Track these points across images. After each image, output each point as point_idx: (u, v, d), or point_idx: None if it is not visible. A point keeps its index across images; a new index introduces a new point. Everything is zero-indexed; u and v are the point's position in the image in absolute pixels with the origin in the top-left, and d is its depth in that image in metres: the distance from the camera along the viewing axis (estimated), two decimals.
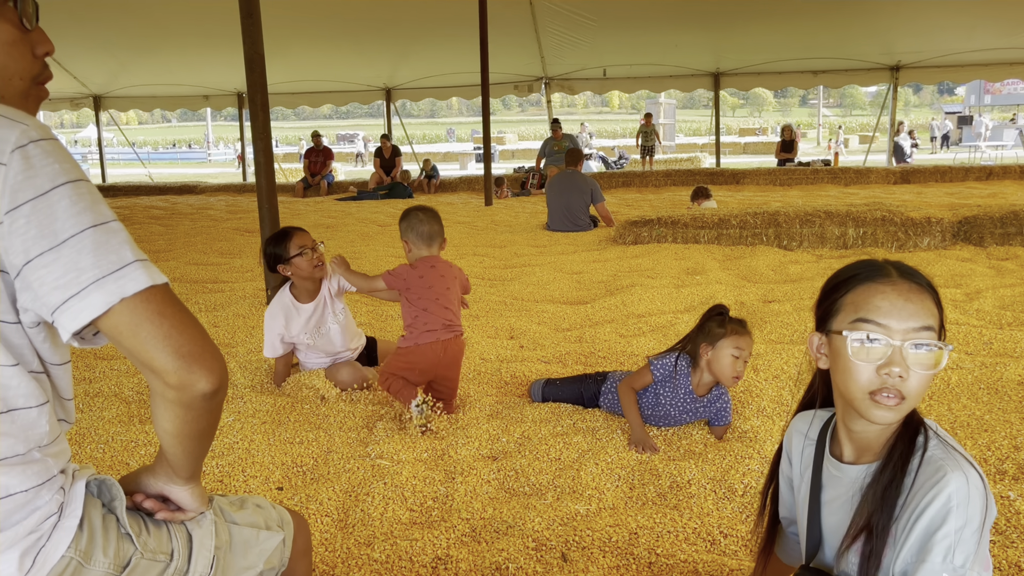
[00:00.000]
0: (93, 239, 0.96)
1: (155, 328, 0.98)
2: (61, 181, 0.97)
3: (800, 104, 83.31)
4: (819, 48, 14.46)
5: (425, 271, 2.98)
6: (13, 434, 1.00)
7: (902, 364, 1.19)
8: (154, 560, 1.13)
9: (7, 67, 1.08)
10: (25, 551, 0.99)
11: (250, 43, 4.59)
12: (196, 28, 13.08)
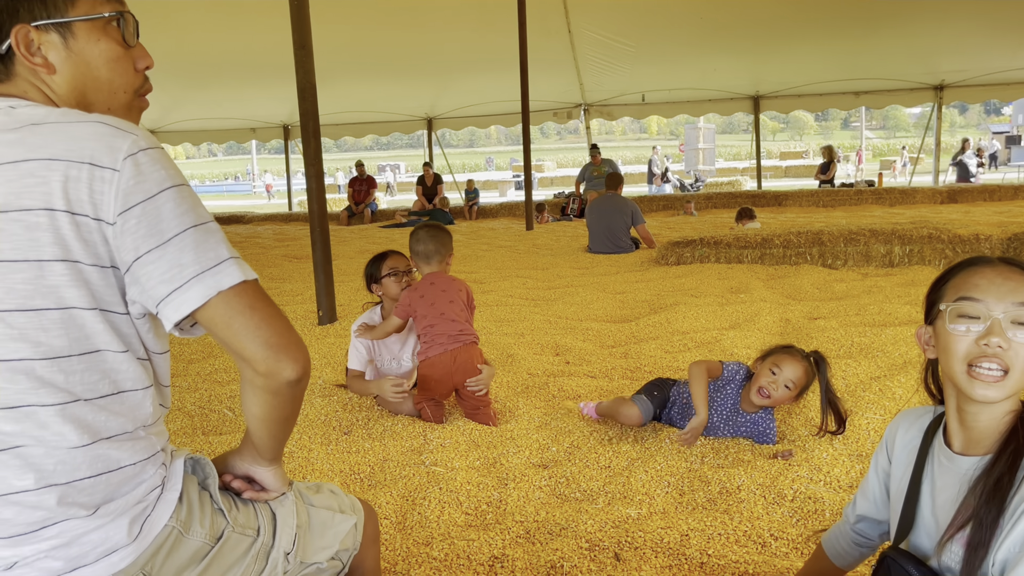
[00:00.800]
0: (194, 238, 1.06)
1: (246, 320, 1.07)
2: (167, 185, 1.07)
3: (842, 127, 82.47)
4: (860, 68, 14.39)
5: (425, 290, 3.11)
6: (123, 413, 1.10)
7: (1001, 334, 1.20)
8: (243, 535, 1.22)
9: (112, 81, 1.19)
10: (133, 519, 1.09)
11: (303, 73, 4.78)
12: (245, 63, 13.52)
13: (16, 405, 1.02)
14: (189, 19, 12.13)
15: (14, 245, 1.02)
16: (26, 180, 1.02)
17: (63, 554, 1.04)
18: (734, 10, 12.34)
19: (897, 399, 3.14)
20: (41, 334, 1.03)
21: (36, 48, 1.13)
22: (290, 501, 1.32)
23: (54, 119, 1.08)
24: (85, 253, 1.04)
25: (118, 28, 1.19)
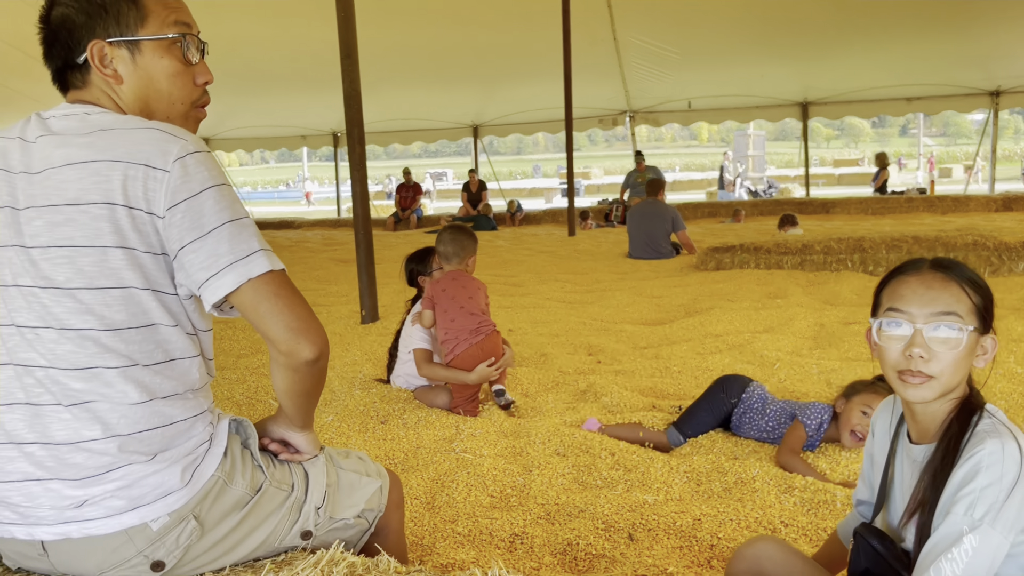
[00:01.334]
0: (230, 231, 1.22)
1: (271, 305, 1.24)
2: (208, 185, 1.22)
3: (900, 134, 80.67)
4: (913, 74, 14.17)
5: (447, 284, 3.30)
6: (174, 378, 1.28)
7: (922, 345, 1.30)
8: (279, 488, 1.38)
9: (171, 94, 1.37)
10: (185, 467, 1.26)
11: (348, 81, 4.99)
12: (296, 72, 13.93)
13: (86, 367, 1.20)
14: (242, 30, 12.56)
15: (83, 233, 1.20)
16: (93, 178, 1.20)
17: (125, 494, 1.21)
18: (781, 16, 12.30)
19: None
20: (105, 309, 1.21)
21: (108, 61, 1.31)
22: (321, 463, 1.47)
23: (119, 125, 1.25)
24: (140, 241, 1.21)
25: (180, 48, 1.36)
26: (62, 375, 1.20)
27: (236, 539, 1.32)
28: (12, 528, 1.24)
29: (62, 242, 1.20)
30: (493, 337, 3.24)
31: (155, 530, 1.23)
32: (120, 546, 1.22)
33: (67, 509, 1.21)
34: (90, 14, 1.29)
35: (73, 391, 1.20)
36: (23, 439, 1.21)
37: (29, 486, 1.21)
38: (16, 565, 1.31)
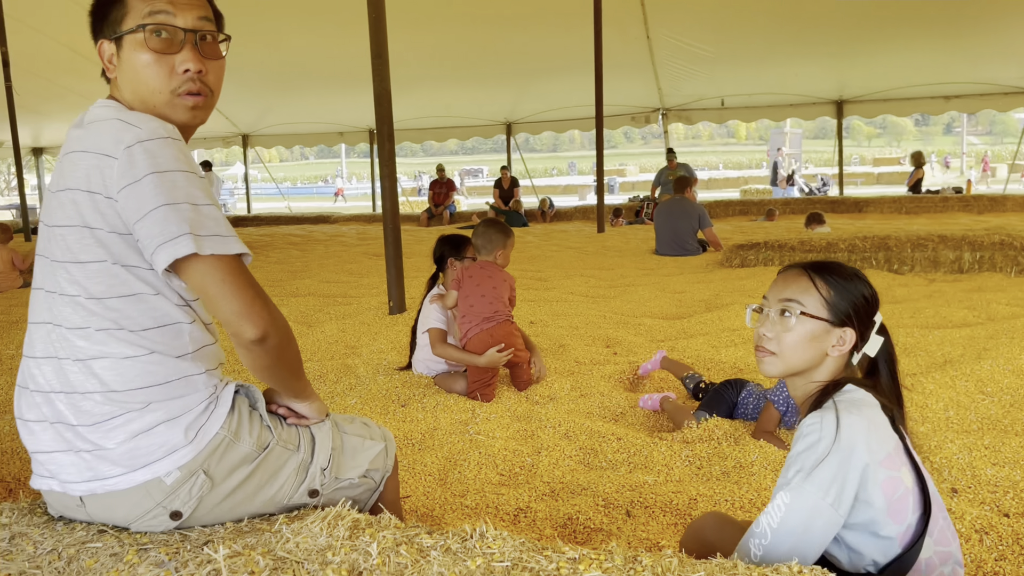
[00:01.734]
0: (163, 214, 1.30)
1: (218, 290, 1.34)
2: (150, 171, 1.31)
3: (944, 132, 79.01)
4: (951, 71, 13.99)
5: (475, 271, 3.51)
6: (164, 341, 1.42)
7: (765, 324, 1.53)
8: (285, 448, 1.54)
9: (148, 83, 1.44)
10: (188, 425, 1.42)
11: (379, 80, 5.16)
12: (333, 69, 14.18)
13: (81, 327, 1.39)
14: (280, 29, 12.84)
15: (67, 215, 1.38)
16: (73, 167, 1.37)
17: (135, 453, 1.38)
18: (816, 13, 12.23)
19: (927, 394, 3.26)
20: (86, 280, 1.38)
21: (110, 58, 1.47)
22: (327, 427, 1.63)
23: (100, 118, 1.40)
24: (103, 223, 1.35)
25: (154, 37, 1.42)
26: (68, 333, 1.39)
27: (246, 493, 1.48)
28: (50, 482, 1.43)
29: (59, 222, 1.39)
30: (504, 325, 3.40)
31: (168, 484, 1.39)
32: (140, 499, 1.39)
33: (88, 465, 1.38)
34: (96, 17, 1.47)
35: (78, 347, 1.39)
36: (52, 388, 1.41)
37: (57, 428, 1.40)
38: (58, 513, 1.49)
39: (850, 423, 1.36)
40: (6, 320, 5.78)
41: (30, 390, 1.44)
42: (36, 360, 1.44)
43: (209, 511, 1.45)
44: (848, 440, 1.34)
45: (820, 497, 1.32)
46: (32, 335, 1.46)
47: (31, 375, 1.44)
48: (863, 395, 1.45)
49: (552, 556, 1.28)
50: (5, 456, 2.87)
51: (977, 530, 2.04)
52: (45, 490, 1.46)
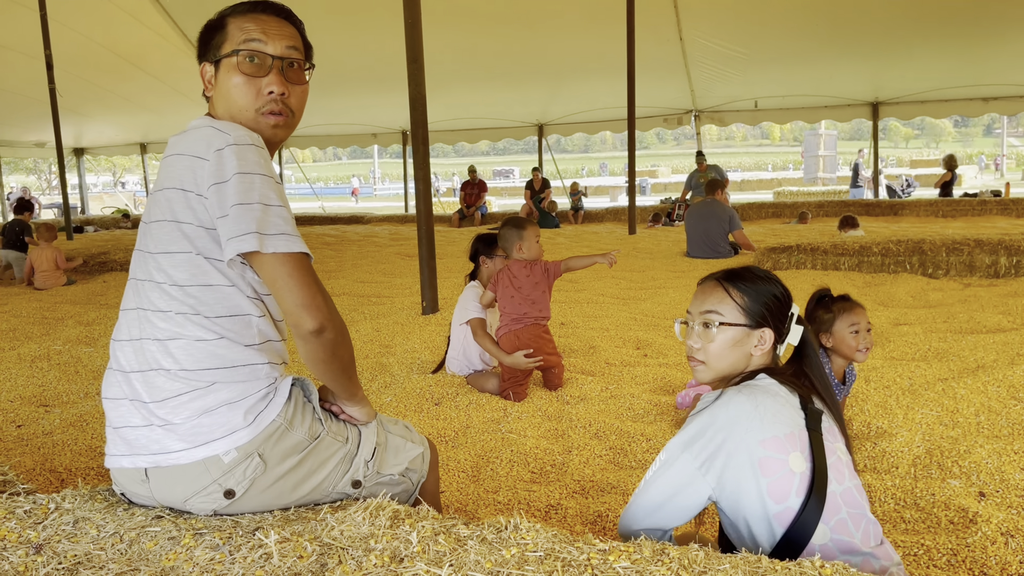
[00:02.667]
0: (238, 212, 1.44)
1: (283, 283, 1.46)
2: (235, 172, 1.45)
3: (984, 133, 77.60)
4: (989, 73, 13.79)
5: (503, 273, 3.60)
6: (235, 330, 1.54)
7: (692, 337, 1.67)
8: (335, 439, 1.63)
9: (236, 101, 1.61)
10: (248, 409, 1.52)
11: (414, 85, 5.25)
12: (367, 72, 14.37)
13: (164, 309, 1.52)
14: (315, 30, 12.99)
15: (161, 211, 1.54)
16: (170, 169, 1.54)
17: (197, 428, 1.49)
18: (851, 14, 12.14)
19: (958, 399, 3.26)
20: (172, 269, 1.53)
21: (209, 78, 1.64)
22: (373, 424, 1.72)
23: (196, 126, 1.56)
24: (193, 217, 1.50)
25: (248, 62, 1.60)
26: (152, 315, 1.53)
27: (296, 479, 1.57)
28: (121, 459, 1.55)
29: (154, 218, 1.55)
30: (531, 329, 3.49)
31: (226, 462, 1.50)
32: (199, 475, 1.50)
33: (154, 439, 1.50)
34: (201, 43, 1.65)
35: (159, 328, 1.52)
36: (130, 367, 1.55)
37: (126, 405, 1.54)
38: (122, 490, 1.60)
39: (731, 400, 1.51)
40: (52, 317, 5.97)
41: (113, 370, 1.59)
42: (121, 343, 1.59)
43: (260, 493, 1.54)
44: (724, 416, 1.50)
45: (690, 461, 1.50)
46: (121, 321, 1.61)
47: (115, 357, 1.59)
48: (769, 383, 1.57)
49: (583, 548, 1.34)
50: (57, 448, 3.00)
51: (1003, 533, 2.06)
52: (115, 468, 1.57)
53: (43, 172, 39.68)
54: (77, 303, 6.63)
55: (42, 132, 17.16)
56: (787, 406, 1.52)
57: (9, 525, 1.45)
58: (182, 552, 1.34)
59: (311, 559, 1.31)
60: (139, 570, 1.29)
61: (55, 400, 3.74)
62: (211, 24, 1.65)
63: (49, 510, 1.54)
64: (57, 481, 2.73)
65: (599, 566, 1.27)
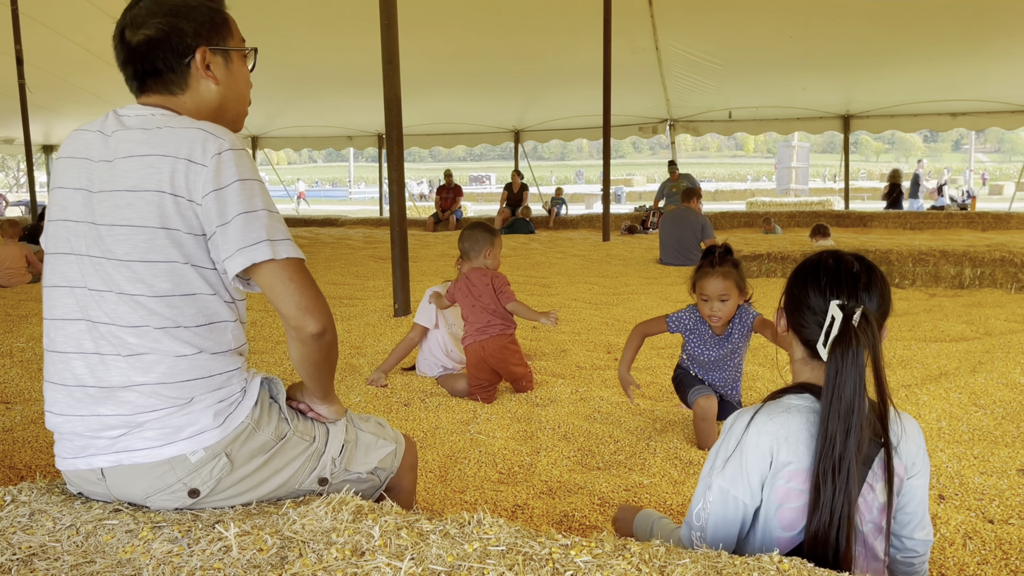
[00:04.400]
0: (244, 220, 1.42)
1: (284, 287, 1.45)
2: (235, 179, 1.43)
3: (953, 148, 79.01)
4: (958, 89, 14.06)
5: (462, 282, 3.58)
6: (213, 338, 1.51)
7: None
8: (301, 439, 1.61)
9: (245, 96, 1.67)
10: (218, 412, 1.49)
11: (389, 86, 5.24)
12: (342, 74, 14.31)
13: (138, 325, 1.45)
14: (291, 32, 12.95)
15: (139, 215, 1.44)
16: (148, 169, 1.43)
17: (167, 431, 1.46)
18: (825, 28, 12.32)
19: (920, 404, 3.32)
20: (153, 279, 1.45)
21: (206, 64, 1.57)
22: (343, 421, 1.70)
23: (173, 124, 1.47)
24: (182, 224, 1.43)
25: (252, 60, 1.67)
26: (120, 331, 1.45)
27: (261, 478, 1.55)
28: (76, 461, 1.50)
29: (122, 221, 1.44)
30: (496, 340, 3.50)
31: (193, 462, 1.47)
32: (164, 473, 1.46)
33: (119, 439, 1.46)
34: (202, 26, 1.55)
35: (129, 344, 1.45)
36: (87, 382, 1.47)
37: (90, 420, 1.47)
38: (78, 490, 1.56)
39: (759, 426, 1.42)
40: (16, 314, 5.86)
41: (58, 384, 1.51)
42: (64, 355, 1.50)
43: (224, 491, 1.52)
44: (752, 441, 1.42)
45: (728, 487, 1.44)
46: (58, 331, 1.51)
47: (57, 370, 1.51)
48: (800, 402, 1.45)
49: (545, 542, 1.34)
50: (17, 444, 2.95)
51: (962, 535, 2.09)
52: (70, 470, 1.52)
53: (11, 169, 39.00)
54: (41, 300, 6.52)
55: (11, 128, 16.87)
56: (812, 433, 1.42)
57: None
58: (139, 545, 1.32)
59: (271, 552, 1.30)
60: (95, 562, 1.27)
61: (16, 397, 3.67)
62: (216, 9, 1.59)
63: (5, 502, 1.51)
64: (16, 478, 2.68)
65: (560, 560, 1.27)
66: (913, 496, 1.51)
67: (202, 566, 1.25)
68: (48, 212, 1.58)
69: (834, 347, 1.39)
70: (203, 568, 1.25)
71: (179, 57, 1.54)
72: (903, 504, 1.50)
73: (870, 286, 1.44)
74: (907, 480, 1.50)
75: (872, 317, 1.39)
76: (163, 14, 1.52)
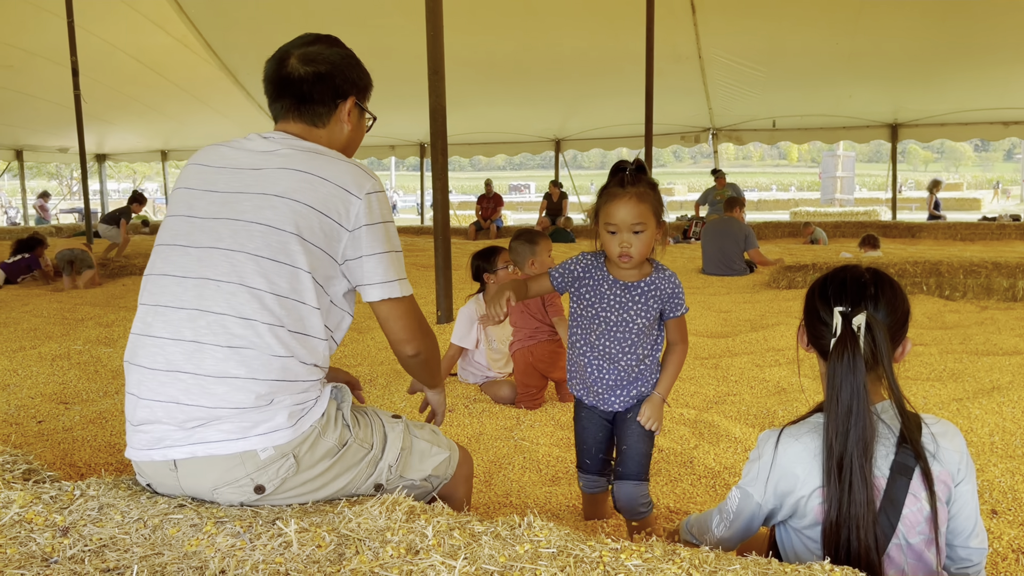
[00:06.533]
0: (388, 259, 1.68)
1: (395, 320, 1.72)
2: (383, 220, 1.68)
3: (1004, 159, 77.02)
4: (1011, 97, 13.75)
5: None
6: (307, 347, 1.62)
7: None
8: (361, 446, 1.68)
9: (356, 149, 1.89)
10: (291, 414, 1.57)
11: (435, 96, 5.31)
12: (385, 84, 14.42)
13: (249, 317, 1.55)
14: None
15: (279, 218, 1.59)
16: (302, 184, 1.61)
17: (244, 423, 1.53)
18: (871, 36, 12.15)
19: (972, 419, 3.26)
20: (276, 277, 1.58)
21: (348, 111, 1.81)
22: (399, 429, 1.77)
23: (328, 154, 1.70)
24: (321, 239, 1.60)
25: (371, 123, 1.96)
26: (231, 321, 1.55)
27: (322, 482, 1.62)
28: (151, 453, 1.57)
29: (263, 220, 1.59)
30: (545, 345, 3.52)
31: (262, 459, 1.54)
32: (234, 467, 1.53)
33: (195, 430, 1.53)
34: (358, 80, 1.83)
35: (235, 335, 1.55)
36: (182, 368, 1.55)
37: (171, 407, 1.55)
38: (147, 481, 1.63)
39: (785, 447, 1.52)
40: (72, 318, 6.05)
41: (147, 368, 1.58)
42: (159, 340, 1.58)
43: (287, 492, 1.58)
44: (779, 460, 1.53)
45: (758, 498, 1.56)
46: (157, 316, 1.60)
47: (149, 353, 1.59)
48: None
49: (596, 546, 1.36)
50: (77, 443, 3.05)
51: (1014, 550, 2.06)
52: (143, 461, 1.59)
53: (64, 177, 40.19)
54: (97, 305, 6.72)
55: (66, 138, 17.41)
56: None
57: (36, 509, 1.49)
58: (204, 538, 1.38)
59: (329, 548, 1.34)
60: (163, 554, 1.32)
61: (75, 398, 3.80)
62: (369, 75, 1.88)
63: (74, 496, 1.58)
64: (77, 475, 2.78)
65: (611, 563, 1.29)
66: (965, 503, 1.50)
67: (264, 560, 1.30)
68: (171, 209, 1.73)
69: (832, 351, 1.45)
70: (265, 562, 1.29)
71: (334, 97, 1.78)
72: (955, 512, 1.50)
73: (878, 296, 1.47)
74: (955, 487, 1.49)
75: (877, 324, 1.43)
76: (335, 60, 1.78)
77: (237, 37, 13.72)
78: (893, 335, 1.47)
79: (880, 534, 1.44)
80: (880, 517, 1.44)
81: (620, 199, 2.01)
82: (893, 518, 1.44)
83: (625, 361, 2.12)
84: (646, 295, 2.10)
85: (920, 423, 1.49)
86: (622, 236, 2.02)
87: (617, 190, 2.03)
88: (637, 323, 2.11)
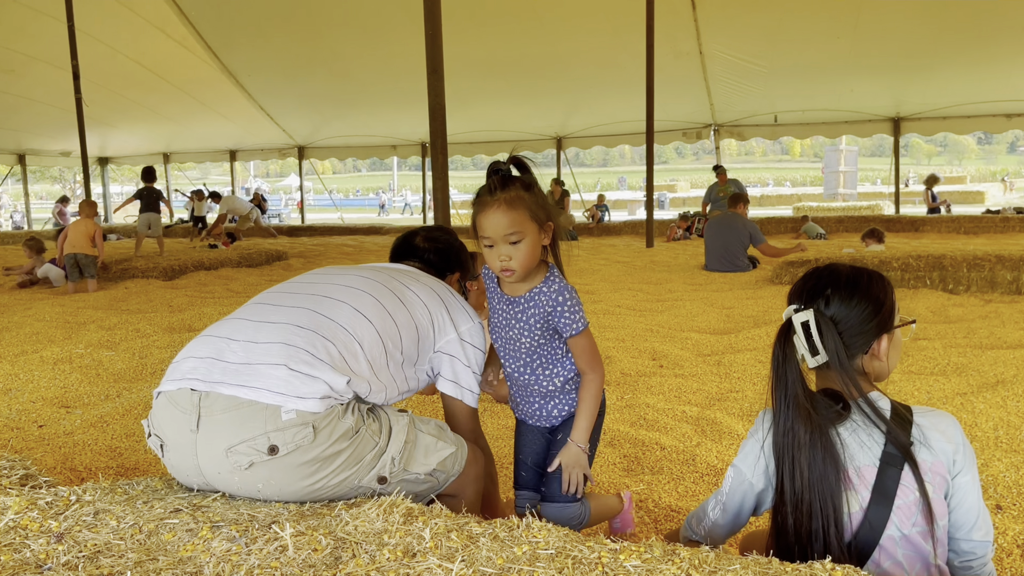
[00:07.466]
0: (463, 367, 1.97)
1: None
2: (465, 338, 1.98)
3: (1008, 151, 76.84)
4: (1013, 89, 13.71)
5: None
6: (387, 385, 1.82)
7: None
8: (371, 437, 1.69)
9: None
10: (324, 398, 1.63)
11: (434, 95, 5.31)
12: (387, 84, 14.50)
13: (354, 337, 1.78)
14: (338, 45, 13.16)
15: (399, 307, 1.90)
16: (426, 291, 1.97)
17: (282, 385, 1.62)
18: (873, 28, 12.12)
19: (976, 413, 3.24)
20: (392, 327, 1.86)
21: (458, 279, 2.25)
22: (404, 421, 1.77)
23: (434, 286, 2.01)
24: (428, 329, 1.92)
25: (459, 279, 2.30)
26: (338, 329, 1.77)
27: (332, 466, 1.63)
28: (194, 382, 1.64)
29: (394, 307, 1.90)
30: None
31: (283, 420, 1.58)
32: (253, 417, 1.59)
33: (235, 375, 1.64)
34: (450, 263, 2.24)
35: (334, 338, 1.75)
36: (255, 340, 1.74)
37: (220, 361, 1.70)
38: (160, 441, 1.69)
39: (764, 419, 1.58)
40: (75, 321, 6.05)
41: (224, 337, 1.76)
42: (229, 341, 1.74)
43: (295, 467, 1.60)
44: (770, 442, 1.55)
45: (749, 475, 1.59)
46: (251, 331, 1.76)
47: (217, 350, 1.73)
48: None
49: (594, 547, 1.34)
50: (78, 448, 3.05)
51: (1019, 545, 2.04)
52: (181, 389, 1.66)
53: (67, 181, 40.28)
54: (99, 308, 6.72)
55: (68, 141, 17.45)
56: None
57: (31, 515, 1.48)
58: (199, 543, 1.36)
59: (325, 552, 1.33)
60: (157, 559, 1.31)
61: (76, 402, 3.79)
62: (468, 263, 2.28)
63: (70, 502, 1.57)
64: (77, 479, 2.77)
65: (609, 564, 1.28)
66: (965, 495, 1.48)
67: (260, 564, 1.29)
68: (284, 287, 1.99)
69: (774, 346, 1.55)
70: (261, 566, 1.28)
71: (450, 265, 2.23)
72: (955, 504, 1.48)
73: (832, 295, 1.51)
74: (953, 479, 1.47)
75: (825, 322, 1.49)
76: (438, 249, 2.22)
77: (238, 39, 13.73)
78: (859, 332, 1.50)
79: (870, 527, 1.44)
80: (871, 508, 1.44)
81: (489, 208, 1.79)
82: (885, 509, 1.44)
83: (524, 380, 1.95)
84: (526, 311, 1.87)
85: (908, 414, 1.49)
86: (499, 249, 1.80)
87: (485, 198, 1.81)
88: (523, 341, 1.89)
